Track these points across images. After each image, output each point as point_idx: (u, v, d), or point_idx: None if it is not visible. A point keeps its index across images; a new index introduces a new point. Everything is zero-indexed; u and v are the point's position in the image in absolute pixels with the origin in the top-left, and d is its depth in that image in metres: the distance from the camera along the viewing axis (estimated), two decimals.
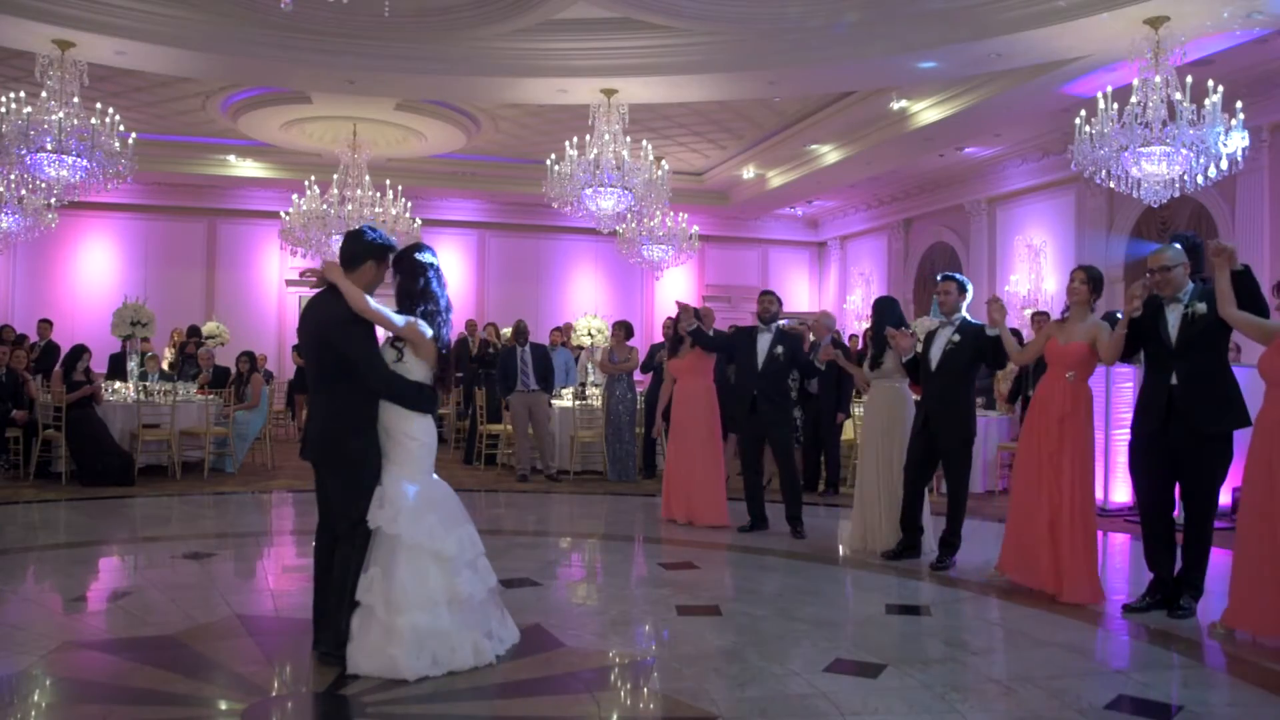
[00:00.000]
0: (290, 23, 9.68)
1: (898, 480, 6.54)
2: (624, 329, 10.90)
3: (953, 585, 5.76)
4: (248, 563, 6.45)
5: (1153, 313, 5.14)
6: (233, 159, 15.84)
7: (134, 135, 10.55)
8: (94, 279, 16.47)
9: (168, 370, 12.75)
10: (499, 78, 10.98)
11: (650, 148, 11.64)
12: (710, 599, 5.30)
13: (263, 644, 4.38)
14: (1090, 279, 5.53)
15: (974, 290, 6.58)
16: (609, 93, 11.09)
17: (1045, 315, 10.65)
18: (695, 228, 14.28)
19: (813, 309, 18.14)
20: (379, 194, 13.74)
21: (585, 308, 17.05)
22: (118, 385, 10.88)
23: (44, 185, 10.67)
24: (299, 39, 10.16)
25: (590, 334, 13.84)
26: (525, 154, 15.06)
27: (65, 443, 9.57)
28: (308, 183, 13.74)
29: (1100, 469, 7.82)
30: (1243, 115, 8.47)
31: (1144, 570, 5.27)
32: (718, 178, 16.93)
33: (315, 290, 4.16)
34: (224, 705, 3.75)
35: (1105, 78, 9.57)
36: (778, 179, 16.11)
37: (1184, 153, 8.38)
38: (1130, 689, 3.95)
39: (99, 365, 11.20)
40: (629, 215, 12.65)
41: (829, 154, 14.45)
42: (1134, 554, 6.64)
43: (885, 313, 6.90)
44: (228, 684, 3.91)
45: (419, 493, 4.02)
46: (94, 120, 9.89)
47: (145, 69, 10.91)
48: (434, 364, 4.11)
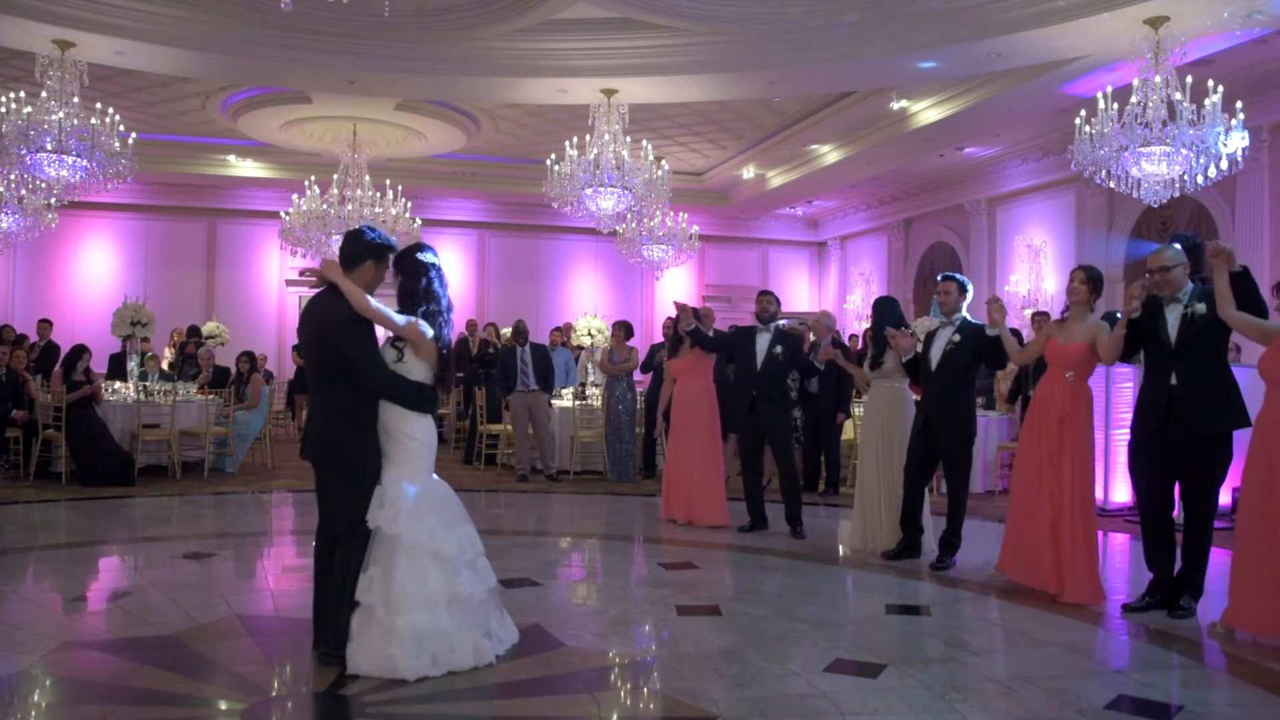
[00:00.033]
0: (290, 23, 9.68)
1: (898, 480, 6.53)
2: (624, 329, 10.90)
3: (953, 585, 5.76)
4: (248, 563, 6.45)
5: (1152, 313, 5.14)
6: (233, 159, 15.84)
7: (134, 135, 10.55)
8: (94, 279, 16.47)
9: (168, 370, 12.75)
10: (499, 78, 10.98)
11: (650, 148, 11.64)
12: (710, 599, 5.30)
13: (263, 644, 4.38)
14: (1090, 279, 5.53)
15: (974, 290, 6.58)
16: (609, 93, 11.09)
17: (1045, 315, 10.66)
18: (695, 228, 14.28)
19: (813, 309, 18.14)
20: (379, 194, 13.75)
21: (585, 308, 17.05)
22: (118, 385, 10.88)
23: (44, 185, 10.67)
24: (299, 39, 10.16)
25: (590, 334, 13.84)
26: (525, 154, 15.06)
27: (65, 443, 9.57)
28: (308, 183, 13.74)
29: (1100, 469, 7.82)
30: (1243, 115, 8.47)
31: (1144, 570, 5.27)
32: (718, 178, 16.94)
33: (315, 290, 4.17)
34: (224, 705, 3.75)
35: (1105, 78, 9.57)
36: (778, 179, 16.11)
37: (1184, 153, 8.38)
38: (1130, 689, 3.95)
39: (99, 365, 11.20)
40: (629, 215, 12.65)
41: (829, 154, 14.45)
42: (1134, 554, 6.64)
43: (885, 313, 6.90)
44: (228, 684, 3.91)
45: (419, 493, 4.02)
46: (94, 120, 9.89)
47: (145, 69, 10.92)
48: (434, 364, 4.12)
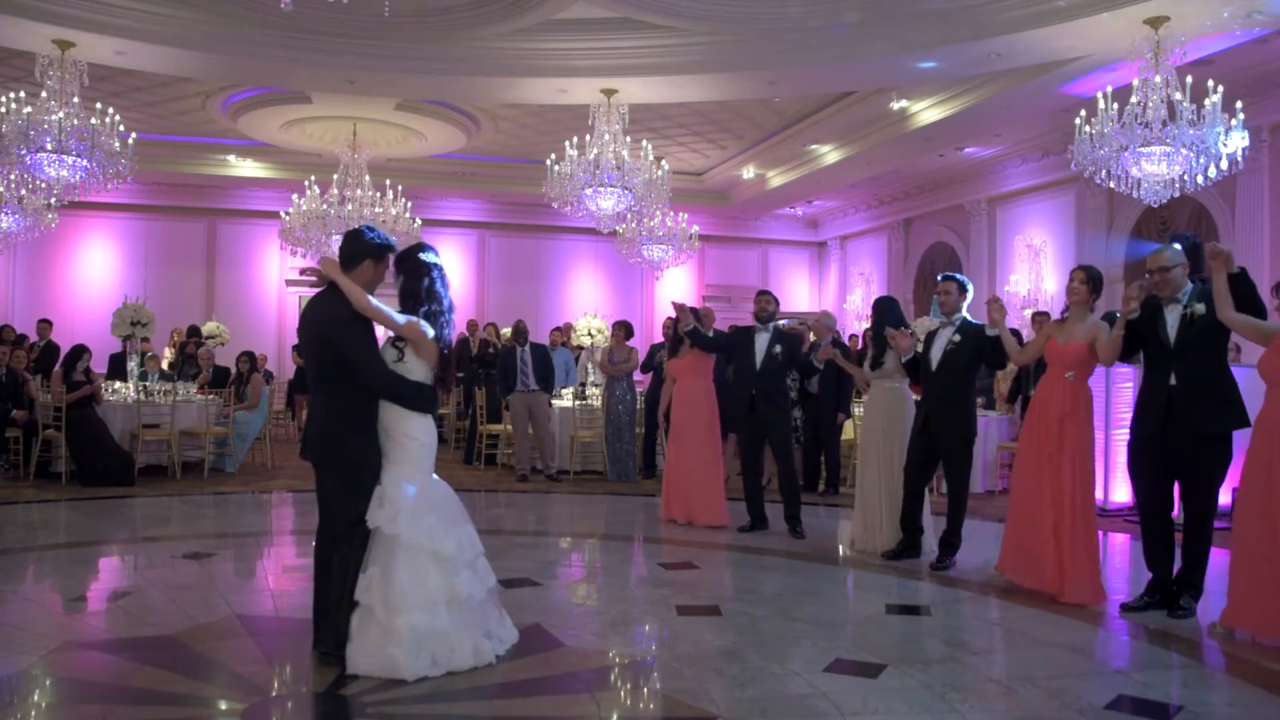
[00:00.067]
0: (290, 23, 9.68)
1: (898, 480, 6.53)
2: (624, 329, 10.90)
3: (953, 585, 5.76)
4: (248, 563, 6.45)
5: (1151, 313, 5.14)
6: (233, 159, 15.84)
7: (134, 135, 10.55)
8: (94, 279, 16.47)
9: (168, 370, 12.75)
10: (499, 78, 10.98)
11: (650, 148, 11.64)
12: (710, 599, 5.30)
13: (263, 644, 4.38)
14: (1090, 279, 5.53)
15: (974, 290, 6.58)
16: (609, 93, 11.09)
17: (1045, 315, 10.65)
18: (695, 228, 14.28)
19: (813, 309, 18.15)
20: (379, 194, 13.75)
21: (585, 308, 17.05)
22: (118, 385, 10.88)
23: (44, 185, 10.67)
24: (299, 39, 10.16)
25: (590, 334, 13.84)
26: (525, 154, 15.06)
27: (65, 443, 9.57)
28: (308, 183, 13.74)
29: (1100, 469, 7.81)
30: (1243, 115, 8.47)
31: (1144, 570, 5.27)
32: (718, 178, 16.93)
33: (316, 290, 4.17)
34: (224, 705, 3.75)
35: (1105, 78, 9.57)
36: (778, 179, 16.11)
37: (1184, 153, 8.38)
38: (1130, 689, 3.95)
39: (99, 365, 11.20)
40: (629, 215, 12.65)
41: (829, 154, 14.45)
42: (1134, 554, 6.64)
43: (885, 313, 6.90)
44: (228, 684, 3.91)
45: (418, 493, 4.02)
46: (94, 120, 9.89)
47: (145, 69, 10.91)
48: (435, 364, 4.11)
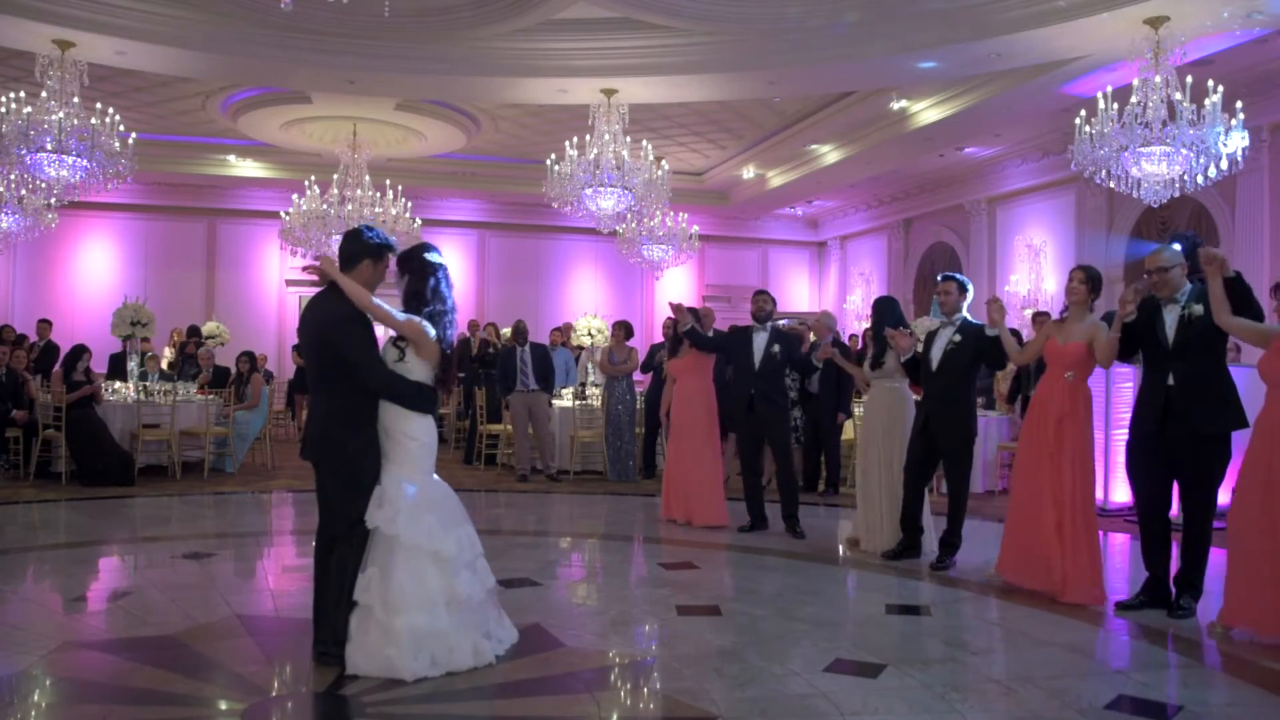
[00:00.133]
0: (290, 23, 9.68)
1: (898, 480, 6.53)
2: (624, 329, 10.91)
3: (953, 585, 5.76)
4: (248, 563, 6.45)
5: (1150, 314, 5.14)
6: (233, 159, 15.84)
7: (134, 135, 10.55)
8: (94, 279, 16.47)
9: (168, 370, 12.75)
10: (499, 78, 10.98)
11: (650, 148, 11.64)
12: (710, 599, 5.30)
13: (263, 644, 4.38)
14: (1089, 279, 5.53)
15: (974, 290, 6.58)
16: (609, 93, 11.08)
17: (1045, 315, 10.65)
18: (695, 228, 14.28)
19: (813, 309, 18.15)
20: (379, 194, 13.74)
21: (585, 308, 17.05)
22: (118, 385, 10.88)
23: (44, 185, 10.67)
24: (299, 39, 10.16)
25: (590, 334, 13.84)
26: (525, 154, 15.06)
27: (65, 443, 9.57)
28: (308, 183, 13.74)
29: (1100, 469, 7.81)
30: (1243, 115, 8.47)
31: (1144, 570, 5.26)
32: (718, 178, 16.93)
33: (316, 290, 4.17)
34: (224, 705, 3.75)
35: (1105, 78, 9.57)
36: (778, 179, 16.11)
37: (1184, 153, 8.38)
38: (1130, 689, 3.95)
39: (99, 365, 11.20)
40: (629, 215, 12.65)
41: (829, 154, 14.45)
42: (1134, 554, 6.61)
43: (885, 313, 6.91)
44: (228, 684, 3.91)
45: (418, 493, 4.02)
46: (94, 120, 9.89)
47: (145, 69, 10.91)
48: (437, 364, 4.11)
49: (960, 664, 4.25)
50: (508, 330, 11.40)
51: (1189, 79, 8.32)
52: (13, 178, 11.29)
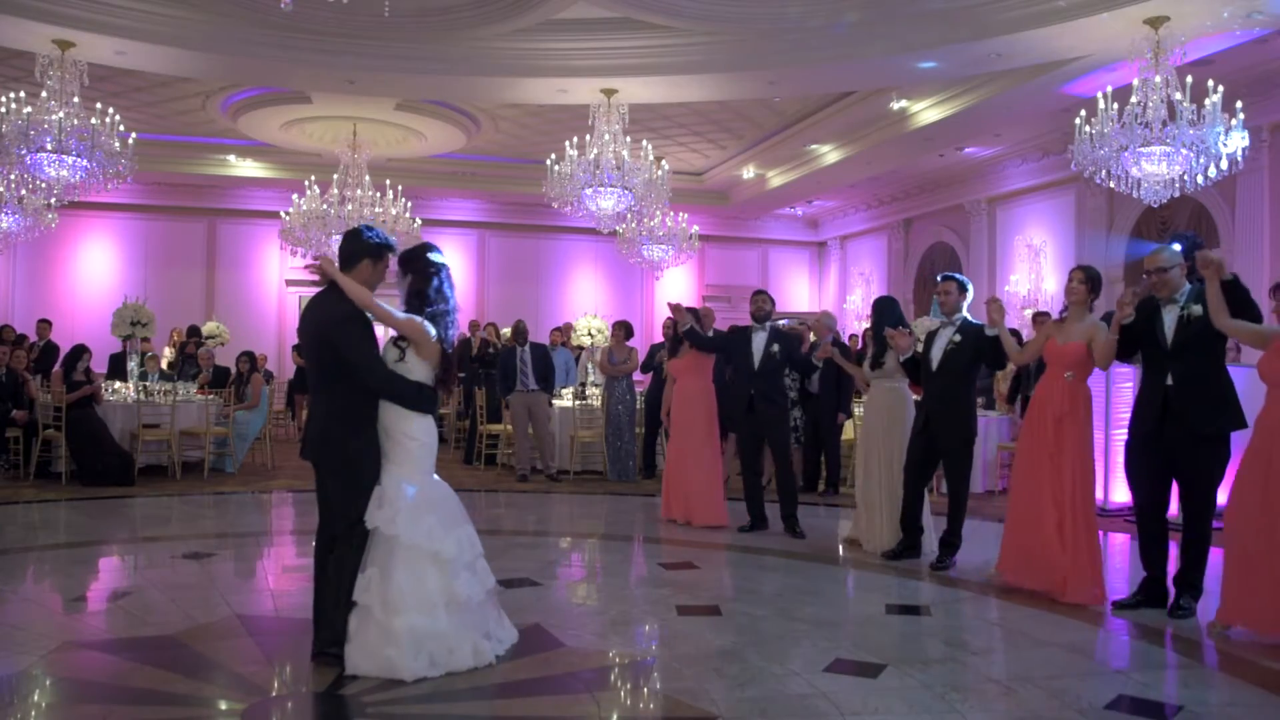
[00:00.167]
0: (290, 23, 9.68)
1: (898, 480, 6.53)
2: (624, 329, 10.91)
3: (953, 585, 5.76)
4: (248, 563, 6.45)
5: (1149, 314, 5.15)
6: (233, 159, 15.84)
7: (134, 135, 10.55)
8: (94, 279, 16.47)
9: (168, 370, 12.75)
10: (499, 78, 10.98)
11: (650, 148, 11.64)
12: (710, 599, 5.30)
13: (263, 644, 4.38)
14: (1088, 279, 5.53)
15: (974, 290, 6.58)
16: (609, 93, 11.08)
17: (1046, 315, 10.65)
18: (695, 228, 14.28)
19: (813, 309, 18.14)
20: (379, 194, 13.74)
21: (585, 308, 17.05)
22: (118, 385, 10.88)
23: (44, 185, 10.67)
24: (299, 39, 10.16)
25: (590, 334, 13.84)
26: (525, 154, 15.06)
27: (65, 443, 9.57)
28: (308, 183, 13.74)
29: (1100, 469, 7.81)
30: (1243, 115, 8.47)
31: (1143, 570, 5.26)
32: (718, 178, 16.93)
33: (316, 290, 4.17)
34: (224, 705, 3.76)
35: (1105, 78, 9.57)
36: (778, 179, 16.11)
37: (1184, 153, 8.38)
38: (1130, 689, 3.95)
39: (99, 365, 11.20)
40: (629, 215, 12.65)
41: (829, 154, 14.45)
42: (1134, 554, 6.59)
43: (885, 313, 6.91)
44: (228, 684, 3.91)
45: (418, 493, 4.02)
46: (94, 120, 9.89)
47: (145, 69, 10.91)
48: (437, 364, 4.11)
49: (960, 664, 4.26)
50: (508, 330, 11.40)
51: (1189, 79, 8.32)
52: (13, 178, 11.29)
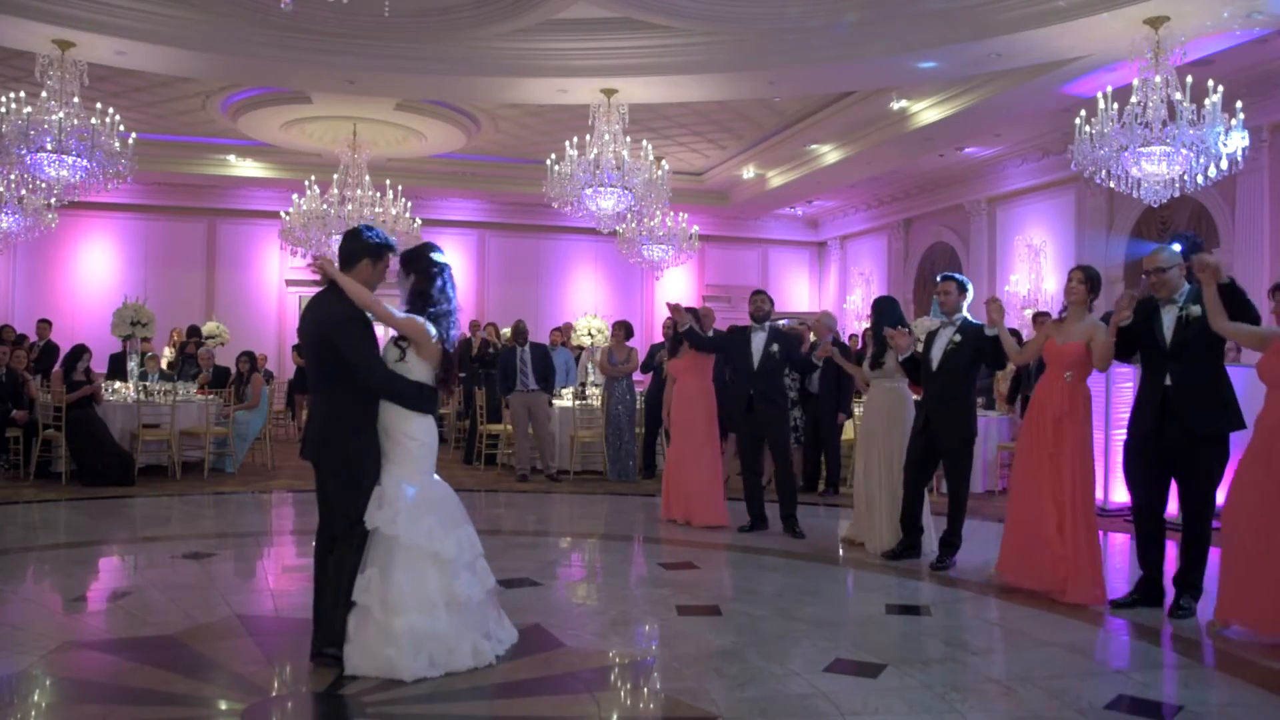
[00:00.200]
0: (290, 23, 9.68)
1: (898, 480, 6.53)
2: (623, 329, 10.91)
3: (953, 585, 5.76)
4: (248, 563, 6.45)
5: (1148, 314, 5.15)
6: (233, 159, 15.84)
7: (134, 135, 10.55)
8: (94, 279, 16.47)
9: (168, 370, 12.75)
10: (499, 78, 10.98)
11: (650, 148, 11.64)
12: (710, 599, 5.30)
13: (263, 644, 4.38)
14: (1088, 279, 5.53)
15: (974, 290, 6.58)
16: (609, 93, 11.08)
17: (1046, 315, 10.64)
18: (695, 228, 14.28)
19: (813, 309, 18.15)
20: (379, 194, 13.74)
21: (585, 308, 17.05)
22: (118, 385, 10.88)
23: (44, 185, 10.67)
24: (299, 39, 10.16)
25: (590, 334, 13.84)
26: (525, 154, 15.06)
27: (65, 443, 9.57)
28: (308, 183, 13.74)
29: (1100, 469, 7.80)
30: (1243, 115, 8.47)
31: (1140, 570, 5.27)
32: (718, 178, 16.93)
33: (317, 289, 4.17)
34: (224, 705, 3.76)
35: (1105, 78, 9.57)
36: (778, 179, 16.11)
37: (1184, 153, 8.38)
38: (1130, 689, 3.95)
39: (99, 365, 11.20)
40: (629, 215, 12.65)
41: (829, 154, 14.45)
42: (1134, 554, 6.62)
43: (885, 313, 6.91)
44: (228, 684, 3.91)
45: (418, 493, 4.01)
46: (94, 120, 9.89)
47: (145, 69, 10.91)
48: (437, 364, 4.11)
49: (960, 664, 4.26)
50: (508, 330, 11.40)
51: (1189, 79, 8.32)
52: (13, 178, 11.29)
